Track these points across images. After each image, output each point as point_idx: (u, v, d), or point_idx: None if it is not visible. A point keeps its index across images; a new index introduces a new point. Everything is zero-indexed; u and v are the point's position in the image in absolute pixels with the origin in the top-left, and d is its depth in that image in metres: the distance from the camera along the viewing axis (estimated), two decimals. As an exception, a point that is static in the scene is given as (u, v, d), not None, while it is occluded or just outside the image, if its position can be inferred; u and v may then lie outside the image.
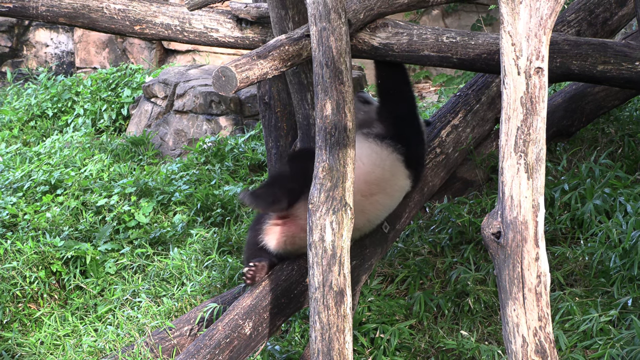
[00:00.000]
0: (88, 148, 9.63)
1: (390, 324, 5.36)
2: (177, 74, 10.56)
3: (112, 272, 7.24)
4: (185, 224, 7.49)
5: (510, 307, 3.54)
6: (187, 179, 8.27)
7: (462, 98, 6.17)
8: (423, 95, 11.59)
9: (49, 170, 8.53)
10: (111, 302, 6.80)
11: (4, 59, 13.95)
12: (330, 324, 4.30)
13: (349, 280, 4.39)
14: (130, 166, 9.05)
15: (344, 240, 4.41)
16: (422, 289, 5.65)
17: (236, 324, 4.97)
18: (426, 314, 5.44)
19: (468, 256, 5.74)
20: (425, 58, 5.23)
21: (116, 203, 7.83)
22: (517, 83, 3.53)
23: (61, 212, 7.83)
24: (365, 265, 5.35)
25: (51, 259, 7.26)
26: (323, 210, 4.41)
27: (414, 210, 5.73)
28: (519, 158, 3.53)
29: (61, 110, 11.42)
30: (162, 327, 5.64)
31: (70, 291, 7.24)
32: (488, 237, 3.61)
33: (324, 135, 4.51)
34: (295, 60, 4.98)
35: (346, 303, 4.34)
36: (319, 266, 4.37)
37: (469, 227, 5.93)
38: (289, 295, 5.16)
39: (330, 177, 4.45)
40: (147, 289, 6.62)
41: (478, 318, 5.34)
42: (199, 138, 9.57)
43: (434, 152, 5.87)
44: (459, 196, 6.28)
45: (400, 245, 6.00)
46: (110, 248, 7.44)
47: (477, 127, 6.14)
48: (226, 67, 4.72)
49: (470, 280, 5.51)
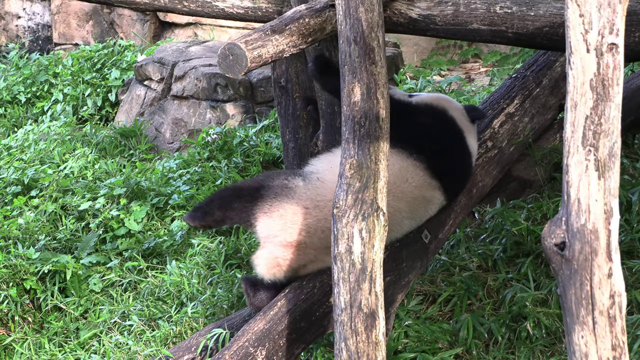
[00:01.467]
0: (68, 141, 9.69)
1: (431, 352, 5.36)
2: (175, 52, 10.61)
3: (97, 289, 7.29)
4: (185, 232, 7.53)
5: (577, 334, 3.54)
6: (187, 178, 8.31)
7: (519, 81, 6.17)
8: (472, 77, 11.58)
9: (22, 168, 8.59)
10: (96, 325, 6.85)
11: (-32, 33, 14.05)
12: (359, 352, 4.31)
13: (381, 300, 4.40)
14: (119, 162, 9.10)
15: (376, 252, 4.42)
16: (471, 311, 5.66)
17: (246, 352, 5.00)
18: (475, 341, 5.44)
19: (526, 271, 5.73)
20: (475, 32, 5.23)
21: (102, 207, 7.88)
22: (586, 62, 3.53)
23: (36, 218, 7.89)
24: (401, 282, 5.36)
25: (24, 274, 7.31)
26: (350, 215, 4.42)
27: (461, 216, 5.74)
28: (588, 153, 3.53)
29: (36, 95, 11.50)
30: (158, 355, 5.67)
31: (47, 313, 7.29)
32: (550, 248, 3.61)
33: (351, 125, 4.52)
34: (317, 35, 5.00)
35: (378, 328, 4.35)
36: (346, 283, 4.38)
37: (527, 237, 5.93)
38: (310, 318, 5.17)
39: (360, 176, 4.47)
40: (139, 310, 6.65)
41: (538, 346, 5.33)
42: (201, 129, 9.60)
43: (484, 146, 5.88)
44: (514, 199, 6.27)
45: (444, 258, 6.00)
46: (95, 261, 7.49)
47: (537, 115, 6.13)
48: (234, 43, 4.74)
49: (528, 300, 5.51)
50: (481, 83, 10.60)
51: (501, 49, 12.09)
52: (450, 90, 9.19)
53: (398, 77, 9.57)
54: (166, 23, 13.09)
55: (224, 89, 9.84)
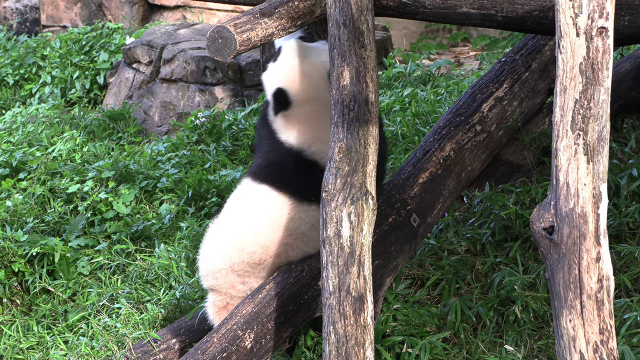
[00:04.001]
0: (57, 123, 9.67)
1: (419, 336, 5.37)
2: (164, 35, 10.58)
3: (85, 272, 7.28)
4: (173, 215, 7.52)
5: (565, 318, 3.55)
6: (176, 161, 8.29)
7: (508, 65, 6.16)
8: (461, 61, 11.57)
9: (10, 150, 8.57)
10: (84, 308, 6.84)
11: (-44, 15, 13.98)
12: (347, 335, 4.32)
13: (370, 284, 4.40)
14: (107, 145, 9.08)
15: (365, 235, 4.42)
16: (459, 295, 5.66)
17: (235, 335, 5.00)
18: (463, 325, 5.45)
19: (514, 255, 5.74)
20: (464, 16, 5.22)
21: (91, 190, 7.87)
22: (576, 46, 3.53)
23: (24, 200, 7.87)
24: (389, 266, 5.36)
25: (12, 257, 7.30)
26: (339, 199, 4.43)
27: (449, 200, 5.74)
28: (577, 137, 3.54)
29: (24, 78, 11.46)
30: (146, 338, 5.67)
31: (35, 295, 7.28)
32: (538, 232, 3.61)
33: (340, 109, 4.52)
34: (306, 18, 4.98)
35: (367, 311, 4.36)
36: (334, 267, 4.38)
37: (516, 221, 5.93)
38: (298, 301, 5.17)
39: (348, 159, 4.47)
40: (127, 293, 6.65)
41: (526, 330, 5.34)
42: (190, 112, 9.59)
43: (473, 129, 5.88)
44: (503, 183, 6.28)
45: (432, 242, 6.01)
46: (83, 244, 7.48)
47: (526, 99, 6.13)
48: (223, 26, 4.72)
49: (516, 284, 5.52)
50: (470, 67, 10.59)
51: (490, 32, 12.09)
52: (439, 74, 9.18)
53: (387, 61, 9.56)
54: (155, 6, 13.04)
55: (212, 72, 9.82)
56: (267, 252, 5.22)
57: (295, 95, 5.18)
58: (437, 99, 7.93)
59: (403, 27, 12.44)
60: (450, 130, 5.81)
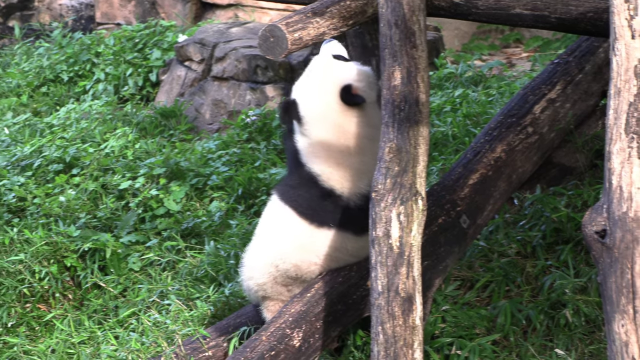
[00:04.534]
0: (109, 120, 9.74)
1: (468, 338, 5.35)
2: (216, 33, 10.62)
3: (136, 268, 7.33)
4: (223, 212, 7.55)
5: (617, 322, 3.51)
6: (226, 159, 8.32)
7: (561, 66, 6.12)
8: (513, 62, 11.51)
9: (63, 146, 8.64)
10: (135, 304, 6.88)
11: (12, 11, 14.14)
12: (396, 336, 4.31)
13: (419, 285, 4.39)
14: (159, 142, 9.13)
15: (414, 236, 4.41)
16: (508, 297, 5.63)
17: (283, 333, 5.00)
18: (513, 328, 5.42)
19: (565, 259, 5.70)
20: (517, 17, 5.19)
21: (142, 186, 7.92)
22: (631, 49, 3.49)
23: (77, 196, 7.94)
24: (439, 267, 5.34)
25: (65, 252, 7.36)
26: (389, 199, 4.41)
27: (500, 202, 5.71)
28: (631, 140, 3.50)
29: (78, 75, 11.56)
30: (195, 335, 5.69)
31: (87, 290, 7.34)
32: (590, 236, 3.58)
33: (391, 109, 4.51)
34: (358, 18, 4.98)
35: (415, 312, 4.34)
36: (383, 267, 4.37)
37: (567, 224, 5.89)
38: (347, 300, 5.17)
39: (399, 159, 4.45)
40: (177, 290, 6.68)
41: (577, 334, 5.30)
42: (241, 110, 9.61)
43: (524, 131, 5.84)
44: (554, 185, 6.23)
45: (482, 244, 5.97)
46: (134, 240, 7.53)
47: (579, 101, 6.08)
48: (275, 25, 4.73)
49: (568, 288, 5.47)
50: (522, 68, 10.53)
51: (543, 34, 12.00)
52: (491, 75, 9.13)
53: (439, 61, 9.52)
54: (207, 4, 13.10)
55: (264, 71, 9.84)
56: (300, 269, 5.22)
57: (305, 110, 5.13)
58: (489, 100, 7.89)
59: (455, 28, 12.38)
60: (502, 132, 5.77)
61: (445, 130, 7.34)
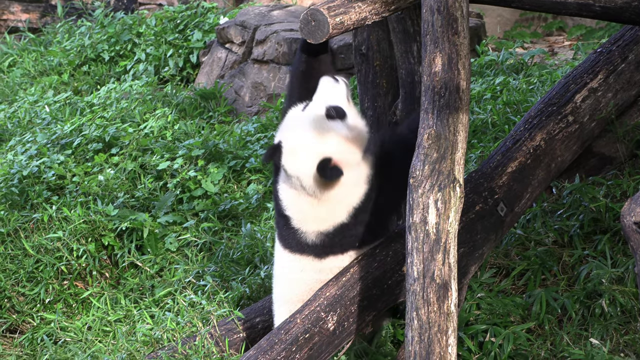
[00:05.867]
0: (149, 100, 9.79)
1: (503, 326, 5.35)
2: (257, 16, 10.63)
3: (173, 249, 7.38)
4: (261, 195, 7.58)
5: (652, 314, 3.50)
6: (265, 142, 8.35)
7: (604, 55, 6.08)
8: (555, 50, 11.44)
9: (103, 125, 8.70)
10: (171, 284, 6.94)
11: (55, -9, 14.21)
12: (430, 322, 4.32)
13: (455, 272, 4.39)
14: (198, 124, 9.17)
15: (451, 223, 4.41)
16: (544, 286, 5.62)
17: (317, 317, 5.03)
18: (548, 317, 5.41)
19: (603, 249, 5.67)
20: (561, 5, 5.17)
21: (180, 167, 7.96)
22: (674, 39, 3.47)
23: (116, 175, 7.99)
24: (475, 254, 5.34)
25: (102, 230, 7.43)
26: (427, 186, 4.42)
27: (538, 191, 5.69)
28: (672, 132, 3.48)
29: (119, 54, 11.62)
30: (230, 316, 5.72)
31: (124, 269, 7.40)
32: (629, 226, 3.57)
33: (431, 95, 4.51)
34: (400, 3, 4.97)
35: (451, 298, 4.35)
36: (419, 253, 4.38)
37: (605, 214, 5.86)
38: (382, 285, 5.18)
39: (437, 146, 4.45)
40: (213, 271, 6.72)
41: (612, 324, 5.29)
42: (280, 94, 9.64)
43: (565, 120, 5.81)
44: (594, 175, 6.20)
45: (519, 232, 5.97)
46: (171, 220, 7.58)
47: (621, 91, 6.04)
48: (317, 9, 4.74)
49: (604, 278, 5.46)
50: (564, 57, 10.46)
51: (587, 22, 11.91)
52: (532, 63, 9.09)
53: (480, 48, 9.49)
54: (249, -14, 13.11)
55: (304, 54, 9.83)
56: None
57: (285, 162, 5.16)
58: (529, 88, 7.85)
59: (497, 15, 12.32)
60: (542, 120, 5.75)
61: (484, 118, 7.32)
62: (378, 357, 5.33)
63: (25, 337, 6.98)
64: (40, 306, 7.19)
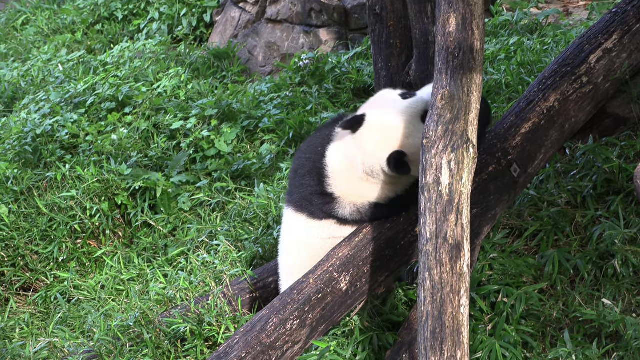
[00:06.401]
0: (163, 60, 9.77)
1: (515, 286, 5.35)
2: (270, -25, 10.58)
3: (186, 208, 7.39)
4: (274, 155, 7.57)
5: (664, 275, 3.50)
6: (278, 102, 8.33)
7: (619, 16, 6.03)
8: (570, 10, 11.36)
9: (117, 84, 8.70)
10: (184, 243, 6.96)
11: (68, -51, 14.15)
12: (443, 283, 4.32)
13: (467, 232, 4.38)
14: (211, 84, 9.16)
15: (464, 184, 4.40)
16: (557, 247, 5.62)
17: (330, 277, 5.04)
18: (560, 277, 5.41)
19: (616, 209, 5.66)
20: (576, -36, 5.12)
21: (193, 127, 7.96)
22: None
23: (129, 135, 8.00)
24: (488, 215, 5.34)
25: (116, 190, 7.45)
26: (440, 146, 4.40)
27: (551, 151, 5.67)
28: (687, 93, 3.46)
29: (133, 13, 11.59)
30: (243, 276, 5.74)
31: (137, 228, 7.43)
32: (642, 188, 3.56)
33: (445, 56, 4.48)
34: (414, -38, 4.94)
35: (463, 259, 4.35)
36: (432, 214, 4.37)
37: (619, 175, 5.84)
38: (395, 246, 5.18)
39: (451, 107, 4.43)
40: (226, 231, 6.73)
41: (625, 285, 5.29)
42: (294, 54, 9.60)
43: (579, 81, 5.78)
44: (607, 136, 6.18)
45: (532, 193, 5.95)
46: (184, 180, 7.58)
47: (636, 52, 6.00)
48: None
49: (617, 238, 5.45)
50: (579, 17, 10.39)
51: (602, -18, 11.81)
52: (547, 24, 9.03)
53: (494, 9, 9.43)
54: (263, -55, 13.03)
55: (318, 15, 9.80)
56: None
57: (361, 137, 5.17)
58: (544, 49, 7.81)
59: (512, -26, 12.22)
60: (556, 81, 5.72)
61: (498, 79, 7.29)
62: (391, 317, 5.34)
63: (39, 295, 7.03)
64: (54, 265, 7.23)
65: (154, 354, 5.52)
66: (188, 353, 5.52)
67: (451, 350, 4.26)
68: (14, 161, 7.95)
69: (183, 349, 5.52)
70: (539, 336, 5.20)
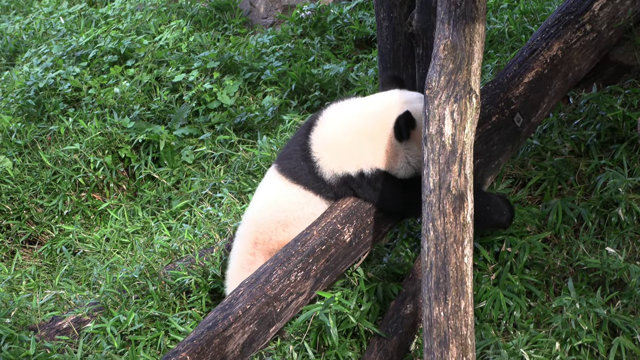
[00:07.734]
0: (164, 12, 9.71)
1: (519, 236, 5.34)
2: None
3: (189, 161, 7.38)
4: (276, 107, 7.54)
5: (669, 224, 3.49)
6: (280, 54, 8.29)
7: (623, -38, 5.98)
8: (572, -43, 11.26)
9: (118, 37, 8.65)
10: (188, 196, 6.95)
11: None
12: (446, 233, 4.31)
13: (470, 183, 4.37)
14: (213, 36, 9.10)
15: (467, 134, 4.38)
16: (561, 196, 5.61)
17: (334, 228, 5.03)
18: (564, 226, 5.41)
19: (619, 158, 5.64)
20: None
21: (196, 80, 7.92)
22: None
23: (131, 88, 7.97)
24: (491, 165, 5.32)
25: (119, 143, 7.43)
26: (442, 97, 4.37)
27: (555, 100, 5.65)
28: (692, 40, 3.42)
29: (133, -35, 11.51)
30: (247, 228, 5.74)
31: (141, 181, 7.42)
32: (646, 137, 3.54)
33: (447, 5, 4.44)
34: None
35: (466, 209, 4.34)
36: (435, 164, 4.35)
37: (623, 123, 5.82)
38: (398, 197, 5.18)
39: (453, 57, 4.40)
40: (230, 183, 6.72)
41: (629, 233, 5.28)
42: (295, 5, 9.53)
43: (582, 29, 5.74)
44: (611, 84, 6.14)
45: (536, 142, 5.93)
46: (187, 133, 7.56)
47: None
48: None
49: (621, 186, 5.43)
50: (582, -36, 10.31)
51: None
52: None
53: (497, -44, 9.34)
54: None
55: (319, -36, 9.73)
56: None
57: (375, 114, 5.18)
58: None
59: None
60: (559, 29, 5.68)
61: (501, 28, 7.23)
62: (394, 268, 5.34)
63: (45, 247, 7.04)
64: (59, 218, 7.23)
65: (160, 305, 5.53)
66: (193, 305, 5.53)
67: (455, 300, 4.26)
68: (17, 115, 7.93)
69: (188, 301, 5.53)
70: (543, 285, 5.20)
